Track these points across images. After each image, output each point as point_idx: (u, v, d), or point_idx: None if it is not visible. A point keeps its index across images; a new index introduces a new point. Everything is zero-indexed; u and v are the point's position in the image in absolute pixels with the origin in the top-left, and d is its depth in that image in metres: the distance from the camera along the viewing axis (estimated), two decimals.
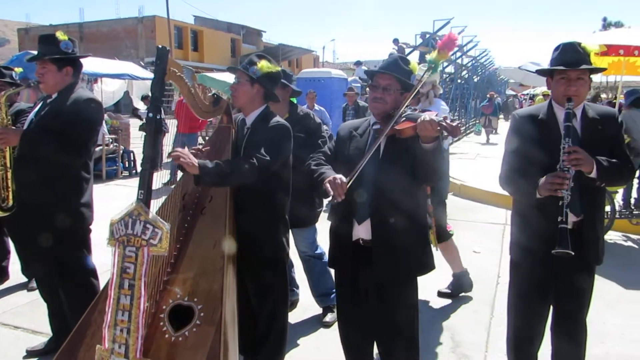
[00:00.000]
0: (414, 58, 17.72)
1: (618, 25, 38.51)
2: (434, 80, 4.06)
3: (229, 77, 11.42)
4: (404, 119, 2.39)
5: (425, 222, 2.65)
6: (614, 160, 2.45)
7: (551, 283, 2.62)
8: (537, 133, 2.56)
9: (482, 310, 4.18)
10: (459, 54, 18.62)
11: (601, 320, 3.95)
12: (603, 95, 18.46)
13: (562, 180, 2.31)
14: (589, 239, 2.50)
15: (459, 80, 21.23)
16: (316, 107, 8.68)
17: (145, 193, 2.25)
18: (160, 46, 2.40)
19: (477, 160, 12.50)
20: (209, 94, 2.84)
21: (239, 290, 2.72)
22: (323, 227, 3.23)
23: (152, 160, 2.30)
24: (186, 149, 2.58)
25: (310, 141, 3.57)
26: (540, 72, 2.73)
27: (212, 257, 2.44)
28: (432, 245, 2.38)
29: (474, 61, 21.60)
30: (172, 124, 9.22)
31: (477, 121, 21.53)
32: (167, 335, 2.24)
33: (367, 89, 2.79)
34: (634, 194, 6.72)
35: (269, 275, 2.87)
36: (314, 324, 3.93)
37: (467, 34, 17.35)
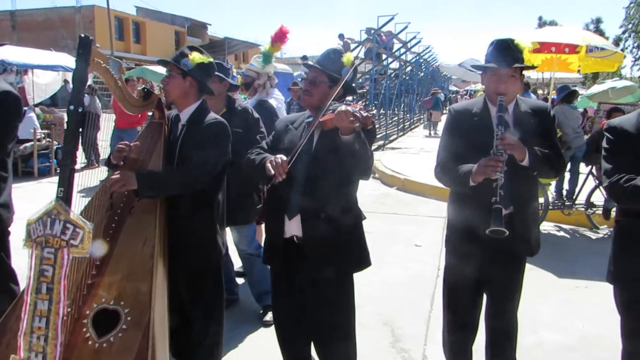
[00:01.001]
0: (358, 53, 17.83)
1: (553, 24, 40.20)
2: (269, 72, 4.31)
3: None
4: (331, 111, 2.38)
5: (358, 215, 2.61)
6: (546, 151, 2.52)
7: (484, 274, 2.66)
8: (472, 127, 2.61)
9: (422, 303, 4.24)
10: (403, 50, 18.89)
11: (534, 310, 4.08)
12: (539, 92, 19.23)
13: (496, 163, 2.36)
14: (519, 231, 2.55)
15: (404, 76, 21.56)
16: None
17: (66, 190, 2.10)
18: (82, 35, 2.25)
19: (421, 155, 12.72)
20: (139, 88, 2.71)
21: (173, 292, 2.62)
22: None
23: (72, 155, 2.16)
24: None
25: (249, 136, 3.48)
26: (476, 68, 2.76)
27: (140, 257, 2.32)
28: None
29: (417, 57, 21.96)
30: (110, 119, 8.89)
31: (423, 117, 22.00)
32: (90, 342, 2.10)
33: None
34: (566, 186, 7.02)
35: (204, 277, 2.76)
36: (254, 323, 3.86)
37: (410, 31, 17.60)
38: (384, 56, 17.44)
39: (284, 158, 2.32)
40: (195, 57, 2.65)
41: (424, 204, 7.90)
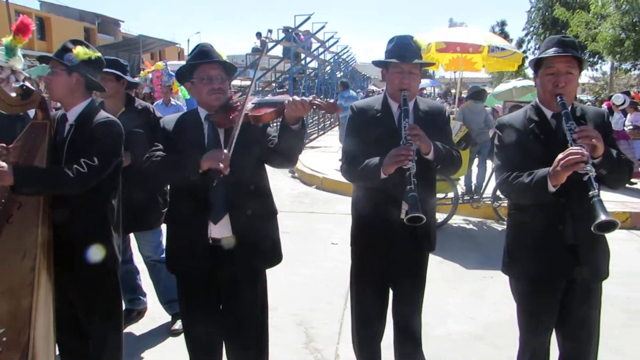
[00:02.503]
0: (277, 52, 17.75)
1: (462, 26, 42.14)
2: (12, 65, 4.00)
3: None
4: (254, 105, 2.35)
5: (274, 209, 2.60)
6: (447, 147, 2.59)
7: (389, 270, 2.69)
8: (373, 123, 2.62)
9: (336, 302, 4.23)
10: (321, 49, 19.04)
11: (444, 302, 4.20)
12: (453, 91, 20.06)
13: (407, 152, 2.37)
14: (420, 227, 2.57)
15: (323, 76, 21.74)
16: (172, 101, 8.24)
17: None
18: None
19: (340, 154, 12.85)
20: (16, 85, 2.47)
21: (64, 305, 2.44)
22: None
23: None
24: None
25: (151, 137, 3.30)
26: (376, 64, 2.77)
27: (19, 271, 2.13)
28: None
29: (336, 57, 22.22)
30: None
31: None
32: None
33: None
34: (474, 180, 7.34)
35: (99, 287, 2.57)
36: (162, 333, 3.68)
37: (328, 30, 17.77)
38: (302, 55, 17.49)
39: (225, 151, 2.24)
40: (80, 51, 2.45)
41: (342, 202, 7.93)
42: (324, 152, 13.11)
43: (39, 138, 2.48)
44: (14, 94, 2.47)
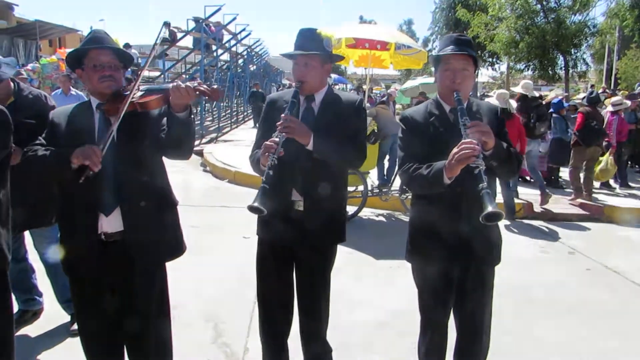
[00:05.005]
0: (187, 42, 17.27)
1: (372, 23, 43.33)
2: None
3: None
4: (142, 92, 2.28)
5: (173, 200, 2.52)
6: (337, 140, 2.54)
7: (293, 261, 2.73)
8: (277, 114, 2.57)
9: (247, 296, 4.20)
10: (233, 42, 18.75)
11: (351, 291, 4.31)
12: (364, 86, 20.54)
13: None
14: (310, 220, 2.60)
15: (236, 69, 21.45)
16: (72, 91, 7.78)
17: None
18: None
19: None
20: None
21: None
22: None
23: None
24: None
25: (44, 127, 3.10)
26: (285, 56, 2.78)
27: None
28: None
29: (248, 50, 22.00)
30: None
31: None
32: None
33: None
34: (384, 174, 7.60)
35: None
36: (61, 334, 3.49)
37: (239, 22, 17.52)
38: (214, 47, 17.13)
39: (97, 147, 2.14)
40: None
41: (252, 195, 7.90)
42: (237, 146, 12.97)
43: None
44: None
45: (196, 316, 3.81)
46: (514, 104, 7.57)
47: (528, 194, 7.94)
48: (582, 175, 8.02)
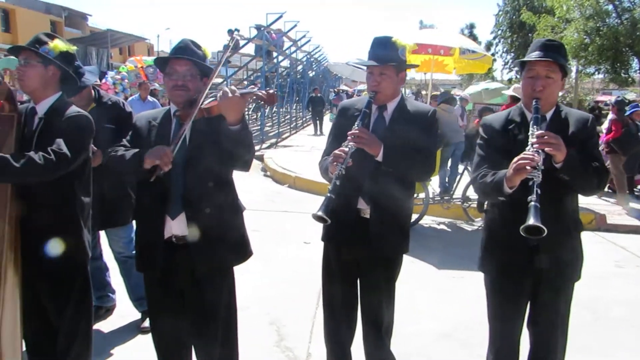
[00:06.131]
0: (250, 50, 17.66)
1: (432, 28, 42.71)
2: None
3: None
4: (212, 99, 2.32)
5: (239, 206, 2.56)
6: (407, 152, 2.51)
7: (358, 269, 2.72)
8: (348, 122, 2.59)
9: (309, 300, 4.23)
10: (293, 48, 19.00)
11: (414, 301, 4.24)
12: (424, 92, 20.31)
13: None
14: (376, 230, 2.58)
15: (295, 75, 21.72)
16: (149, 98, 8.15)
17: None
18: None
19: (312, 153, 12.85)
20: None
21: (33, 302, 2.42)
22: None
23: None
24: None
25: (122, 133, 3.25)
26: (359, 65, 2.79)
27: None
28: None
29: (308, 56, 22.22)
30: None
31: (330, 112, 22.34)
32: None
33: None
34: (446, 181, 7.45)
35: (69, 283, 2.53)
36: (132, 331, 3.63)
37: (300, 29, 17.73)
38: (274, 54, 17.42)
39: (167, 148, 2.22)
40: (58, 44, 2.48)
41: (312, 201, 7.96)
42: (296, 151, 13.11)
43: (5, 131, 2.42)
44: None
45: (259, 319, 3.85)
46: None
47: (598, 204, 7.57)
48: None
